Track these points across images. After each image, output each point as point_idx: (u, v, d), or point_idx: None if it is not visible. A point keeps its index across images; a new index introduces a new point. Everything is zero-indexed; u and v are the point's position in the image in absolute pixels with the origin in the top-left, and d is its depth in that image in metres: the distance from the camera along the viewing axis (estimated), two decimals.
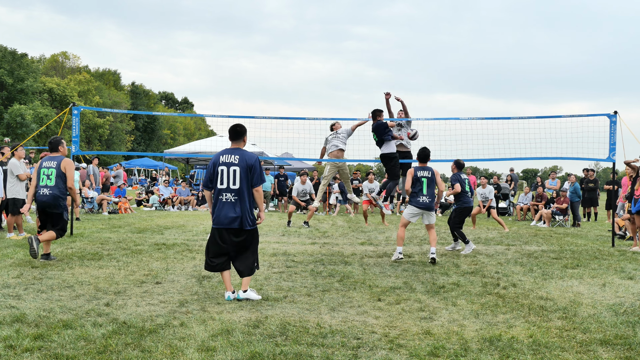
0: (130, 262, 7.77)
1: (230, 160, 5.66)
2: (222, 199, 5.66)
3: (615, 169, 11.86)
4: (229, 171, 5.63)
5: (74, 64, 67.12)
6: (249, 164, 5.65)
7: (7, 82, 47.33)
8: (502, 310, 5.45)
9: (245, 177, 5.63)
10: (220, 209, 5.66)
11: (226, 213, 5.63)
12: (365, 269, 7.68)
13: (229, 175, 5.63)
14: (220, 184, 5.67)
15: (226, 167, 5.65)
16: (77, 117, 11.12)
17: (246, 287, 5.76)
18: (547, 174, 77.63)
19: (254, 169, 5.66)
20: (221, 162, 5.68)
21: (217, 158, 5.73)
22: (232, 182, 5.63)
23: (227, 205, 5.63)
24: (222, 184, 5.66)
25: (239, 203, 5.63)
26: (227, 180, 5.64)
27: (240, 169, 5.62)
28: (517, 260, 8.71)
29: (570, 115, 11.27)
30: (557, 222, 16.28)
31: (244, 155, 5.70)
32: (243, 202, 5.63)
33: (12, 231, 10.34)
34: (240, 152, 5.72)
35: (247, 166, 5.64)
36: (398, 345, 4.31)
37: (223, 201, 5.66)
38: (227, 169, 5.64)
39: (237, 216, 5.62)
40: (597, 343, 4.43)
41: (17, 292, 5.79)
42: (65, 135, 39.60)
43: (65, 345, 4.10)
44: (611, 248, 10.61)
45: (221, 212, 5.65)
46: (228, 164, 5.65)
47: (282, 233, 12.28)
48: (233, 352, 4.04)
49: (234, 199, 5.63)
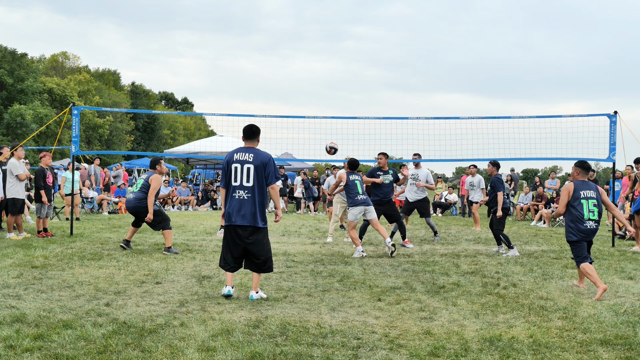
0: (130, 262, 7.77)
1: (245, 158, 5.71)
2: (235, 196, 5.69)
3: (615, 168, 11.86)
4: (243, 169, 5.68)
5: (74, 64, 67.11)
6: (264, 162, 5.70)
7: (7, 82, 47.31)
8: (502, 310, 5.45)
9: (259, 175, 5.68)
10: (233, 206, 5.69)
11: (239, 210, 5.66)
12: (365, 269, 7.68)
13: (243, 173, 5.68)
14: (234, 181, 5.70)
15: (240, 165, 5.69)
16: (77, 117, 11.11)
17: (257, 287, 5.78)
18: (547, 174, 77.61)
19: (268, 167, 5.71)
20: (235, 159, 5.72)
21: (231, 156, 5.77)
22: (246, 179, 5.67)
23: (240, 202, 5.67)
24: (236, 181, 5.69)
25: (252, 200, 5.66)
26: (241, 178, 5.68)
27: (254, 167, 5.67)
28: (517, 260, 8.71)
29: (570, 115, 11.28)
30: (557, 222, 16.28)
31: (259, 153, 5.76)
32: (255, 199, 5.67)
33: (12, 231, 10.34)
34: (255, 151, 5.77)
35: (262, 164, 5.69)
36: (398, 345, 4.31)
37: (236, 198, 5.69)
38: (241, 166, 5.69)
39: (250, 213, 5.65)
40: (597, 343, 4.43)
41: (17, 292, 5.79)
42: (65, 135, 39.60)
43: (65, 345, 4.10)
44: (611, 248, 10.62)
45: (234, 209, 5.68)
46: (242, 161, 5.70)
47: (282, 233, 12.28)
48: (233, 352, 4.04)
49: (247, 197, 5.66)
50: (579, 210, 6.56)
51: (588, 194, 6.60)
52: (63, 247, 9.15)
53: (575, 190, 6.63)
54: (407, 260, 8.57)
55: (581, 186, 6.67)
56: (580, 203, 6.57)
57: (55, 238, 10.44)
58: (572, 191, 6.64)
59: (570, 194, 6.65)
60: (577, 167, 6.87)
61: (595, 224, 6.54)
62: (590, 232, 6.54)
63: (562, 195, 6.74)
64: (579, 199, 6.58)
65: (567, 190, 6.70)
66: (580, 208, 6.56)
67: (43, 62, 63.44)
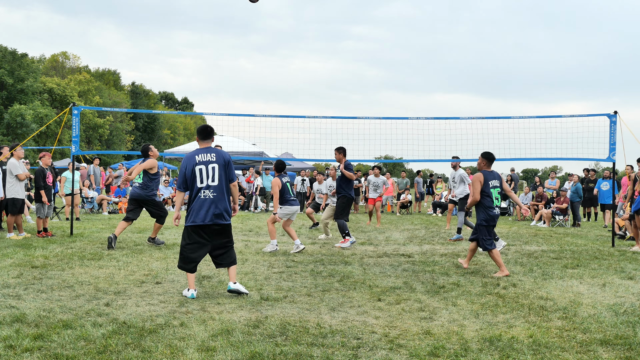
0: (130, 262, 7.78)
1: (208, 159, 5.80)
2: (200, 197, 5.76)
3: (615, 168, 11.86)
4: (208, 169, 5.77)
5: (74, 64, 67.10)
6: (227, 160, 5.87)
7: (7, 82, 47.31)
8: (502, 310, 5.45)
9: (224, 173, 5.82)
10: (200, 206, 5.75)
11: (207, 210, 5.73)
12: (365, 269, 7.68)
13: (208, 173, 5.77)
14: (200, 182, 5.78)
15: (204, 166, 5.77)
16: (77, 117, 11.12)
17: (235, 278, 5.93)
18: (547, 174, 77.61)
19: (230, 165, 5.90)
20: (198, 161, 5.79)
21: (193, 159, 5.83)
22: (212, 179, 5.77)
23: (208, 202, 5.75)
24: (202, 182, 5.77)
25: (219, 199, 5.77)
26: (207, 178, 5.76)
27: (218, 165, 5.79)
28: (517, 260, 8.71)
29: (570, 115, 11.28)
30: (557, 222, 16.29)
31: (220, 152, 5.91)
32: (223, 197, 5.80)
33: (12, 231, 10.35)
34: (215, 150, 5.91)
35: (225, 162, 5.84)
36: (398, 345, 4.31)
37: (202, 198, 5.76)
38: (206, 167, 5.77)
39: (219, 212, 5.76)
40: (597, 343, 4.43)
41: (17, 292, 5.79)
42: (65, 135, 39.59)
43: (65, 345, 4.10)
44: (611, 248, 10.62)
45: (201, 209, 5.75)
46: (206, 162, 5.78)
47: (282, 233, 12.28)
48: (233, 352, 4.04)
49: (213, 195, 5.76)
50: (490, 197, 7.41)
51: (494, 183, 7.50)
52: (63, 247, 9.15)
53: (486, 180, 7.43)
54: (407, 260, 8.57)
55: (489, 176, 7.49)
56: (489, 192, 7.43)
57: (55, 238, 10.44)
58: (484, 180, 7.43)
59: (482, 182, 7.43)
60: (484, 158, 7.66)
61: (499, 209, 7.53)
62: (497, 217, 7.51)
63: (474, 184, 7.46)
64: (489, 188, 7.43)
65: (479, 179, 7.45)
66: (489, 196, 7.43)
67: (43, 62, 63.42)
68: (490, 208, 7.39)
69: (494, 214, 7.42)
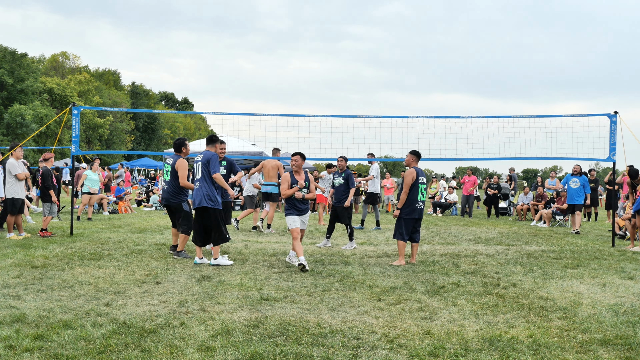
0: (130, 262, 7.77)
1: (199, 158, 7.91)
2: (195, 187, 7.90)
3: (615, 168, 11.85)
4: (196, 166, 7.90)
5: (74, 64, 67.13)
6: (207, 158, 7.81)
7: (7, 82, 47.32)
8: (502, 310, 5.45)
9: (204, 168, 7.76)
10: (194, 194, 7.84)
11: (195, 197, 7.79)
12: (365, 269, 7.68)
13: (197, 169, 7.87)
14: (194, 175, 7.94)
15: (196, 164, 7.93)
16: (77, 117, 11.11)
17: (216, 255, 7.71)
18: (547, 174, 77.65)
19: (211, 162, 7.77)
20: (195, 160, 7.98)
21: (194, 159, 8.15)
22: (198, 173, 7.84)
23: (196, 191, 7.81)
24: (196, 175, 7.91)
25: (201, 188, 7.75)
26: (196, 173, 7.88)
27: (201, 163, 7.83)
28: (517, 260, 8.71)
29: (570, 115, 11.26)
30: (557, 222, 16.28)
31: (205, 153, 7.91)
32: (203, 186, 7.74)
33: (12, 231, 10.34)
34: (204, 152, 7.94)
35: (206, 160, 7.79)
36: (398, 345, 4.31)
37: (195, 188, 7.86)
38: (196, 164, 7.92)
39: (199, 198, 7.71)
40: (597, 343, 4.43)
41: (17, 292, 5.79)
42: (65, 135, 39.60)
43: (65, 345, 4.10)
44: (611, 248, 10.61)
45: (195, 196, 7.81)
46: (197, 160, 7.93)
47: (282, 233, 12.28)
48: (233, 352, 4.04)
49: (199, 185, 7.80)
50: (416, 192, 8.05)
51: (422, 180, 8.16)
52: (63, 247, 9.15)
53: (418, 176, 8.08)
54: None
55: (420, 172, 8.16)
56: (417, 187, 8.06)
57: (55, 238, 10.43)
58: (416, 176, 8.06)
59: (414, 178, 8.05)
60: (413, 155, 8.36)
61: (423, 204, 8.22)
62: (421, 211, 8.20)
63: (407, 179, 8.08)
64: (418, 184, 8.07)
65: (412, 175, 8.09)
66: (417, 191, 8.06)
67: (43, 62, 63.44)
68: (415, 201, 8.08)
69: (417, 208, 8.10)
